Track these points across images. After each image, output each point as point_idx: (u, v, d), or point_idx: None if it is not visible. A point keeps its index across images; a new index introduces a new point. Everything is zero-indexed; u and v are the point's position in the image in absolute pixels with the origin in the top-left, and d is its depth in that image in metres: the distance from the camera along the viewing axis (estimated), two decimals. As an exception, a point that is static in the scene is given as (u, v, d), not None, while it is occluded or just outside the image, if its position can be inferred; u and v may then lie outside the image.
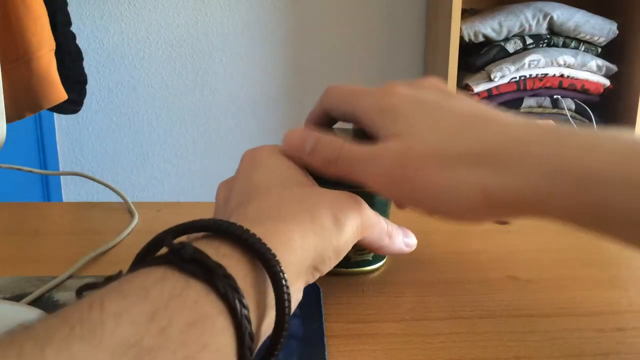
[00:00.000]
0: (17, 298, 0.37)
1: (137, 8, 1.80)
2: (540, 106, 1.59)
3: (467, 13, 1.66)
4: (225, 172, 1.73)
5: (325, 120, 0.39)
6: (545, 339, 0.34)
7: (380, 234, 0.36)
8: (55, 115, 1.82)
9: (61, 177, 1.88)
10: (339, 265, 0.33)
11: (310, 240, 0.29)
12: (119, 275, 0.24)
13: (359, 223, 0.32)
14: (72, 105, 1.10)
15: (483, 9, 1.68)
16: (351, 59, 1.89)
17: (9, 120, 0.83)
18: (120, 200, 0.57)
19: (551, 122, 0.31)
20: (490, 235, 0.50)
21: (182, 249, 0.24)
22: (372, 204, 0.37)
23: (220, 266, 0.23)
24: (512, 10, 1.55)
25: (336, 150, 0.34)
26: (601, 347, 0.34)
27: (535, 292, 0.40)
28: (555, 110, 1.59)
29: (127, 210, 0.55)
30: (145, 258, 0.26)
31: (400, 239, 0.38)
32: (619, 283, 0.42)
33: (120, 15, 1.80)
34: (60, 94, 0.92)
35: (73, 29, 1.12)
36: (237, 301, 0.23)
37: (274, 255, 0.26)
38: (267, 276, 0.26)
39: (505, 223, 0.49)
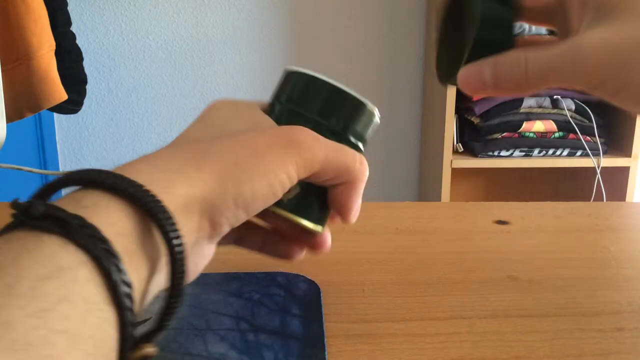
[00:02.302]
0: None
1: (137, 8, 1.80)
2: (540, 106, 1.59)
3: (467, 13, 1.66)
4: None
5: None
6: (545, 339, 0.34)
7: (335, 161, 0.30)
8: (55, 115, 1.82)
9: (61, 177, 1.88)
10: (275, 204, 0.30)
11: (195, 189, 0.25)
12: None
13: (290, 163, 0.28)
14: (72, 105, 1.10)
15: (483, 9, 1.68)
16: (351, 59, 1.89)
17: (9, 120, 0.83)
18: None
19: None
20: (490, 235, 0.50)
21: (30, 207, 0.21)
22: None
23: (77, 217, 0.21)
24: (512, 11, 1.54)
25: (522, 67, 0.30)
26: (601, 347, 0.34)
27: (535, 292, 0.40)
28: (555, 111, 1.59)
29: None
30: None
31: (362, 161, 0.31)
32: (619, 283, 0.42)
33: (120, 15, 1.80)
34: (60, 94, 0.92)
35: (73, 29, 1.12)
36: (100, 249, 0.21)
37: (153, 197, 0.23)
38: (153, 227, 0.23)
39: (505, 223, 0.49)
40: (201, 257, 0.28)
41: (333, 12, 1.85)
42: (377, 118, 0.34)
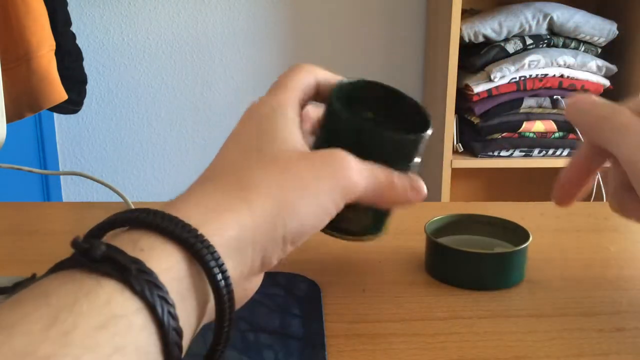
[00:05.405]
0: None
1: (137, 8, 1.80)
2: (540, 106, 1.58)
3: (467, 13, 1.66)
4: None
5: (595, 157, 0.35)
6: (545, 339, 0.34)
7: (376, 188, 0.30)
8: (55, 115, 1.82)
9: (61, 177, 1.88)
10: (333, 229, 0.33)
11: (247, 230, 0.26)
12: (32, 278, 0.22)
13: (336, 193, 0.28)
14: (72, 105, 1.10)
15: (483, 9, 1.68)
16: (351, 59, 1.89)
17: (9, 120, 0.83)
18: (120, 200, 0.57)
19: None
20: (490, 235, 0.50)
21: (91, 248, 0.21)
22: None
23: (135, 261, 0.21)
24: (512, 11, 1.54)
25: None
26: (601, 347, 0.34)
27: (535, 292, 0.40)
28: (555, 111, 1.59)
29: (127, 210, 0.55)
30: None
31: (406, 185, 0.32)
32: (619, 283, 0.42)
33: (120, 15, 1.80)
34: (60, 94, 0.92)
35: (73, 29, 1.12)
36: (156, 297, 0.21)
37: (203, 242, 0.23)
38: (202, 272, 0.24)
39: None
40: (250, 284, 0.29)
41: (333, 12, 1.85)
42: (426, 136, 0.34)
